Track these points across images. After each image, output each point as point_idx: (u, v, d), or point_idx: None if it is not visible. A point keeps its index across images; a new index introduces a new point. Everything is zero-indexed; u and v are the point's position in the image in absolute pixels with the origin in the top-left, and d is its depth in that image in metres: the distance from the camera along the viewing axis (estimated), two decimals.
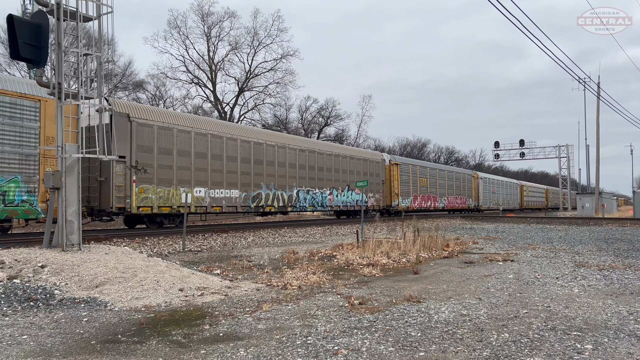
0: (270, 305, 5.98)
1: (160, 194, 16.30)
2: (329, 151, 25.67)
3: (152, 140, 16.12)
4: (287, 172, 22.11)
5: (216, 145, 18.52)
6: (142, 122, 15.94)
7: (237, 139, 19.65)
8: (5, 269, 6.89)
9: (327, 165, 25.01)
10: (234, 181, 19.20)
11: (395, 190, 30.89)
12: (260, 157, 20.64)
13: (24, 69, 33.40)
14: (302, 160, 23.19)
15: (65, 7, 8.50)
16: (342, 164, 26.21)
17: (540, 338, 4.51)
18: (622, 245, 13.44)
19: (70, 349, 4.34)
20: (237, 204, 19.30)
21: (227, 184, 18.88)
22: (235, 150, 19.42)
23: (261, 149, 20.72)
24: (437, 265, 9.52)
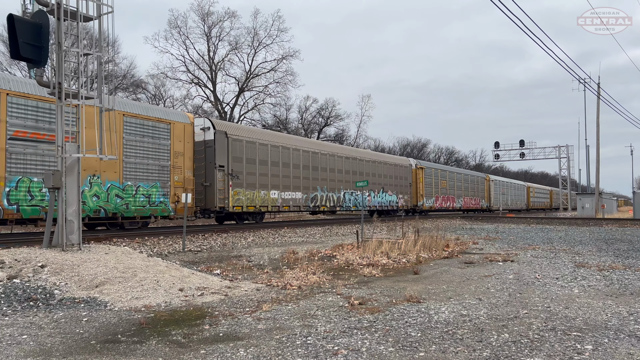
0: (270, 305, 5.97)
1: (248, 195, 20.05)
2: (367, 158, 29.83)
3: (242, 152, 19.88)
4: (336, 176, 25.97)
5: (285, 155, 22.40)
6: (235, 137, 19.60)
7: (299, 149, 23.49)
8: (5, 269, 6.89)
9: (365, 170, 28.75)
10: (297, 185, 23.01)
11: (421, 192, 34.71)
12: (317, 164, 24.50)
13: (24, 69, 33.40)
14: (347, 166, 27.07)
15: (65, 6, 8.50)
16: (377, 168, 30.11)
17: (540, 338, 4.51)
18: (622, 245, 13.44)
19: (70, 348, 4.34)
20: (300, 204, 23.28)
21: (293, 187, 22.76)
22: (299, 159, 23.26)
23: (317, 157, 24.62)
24: (437, 266, 9.52)
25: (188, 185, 17.19)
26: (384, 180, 30.64)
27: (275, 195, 21.44)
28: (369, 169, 29.25)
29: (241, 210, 19.75)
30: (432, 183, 36.71)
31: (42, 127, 13.16)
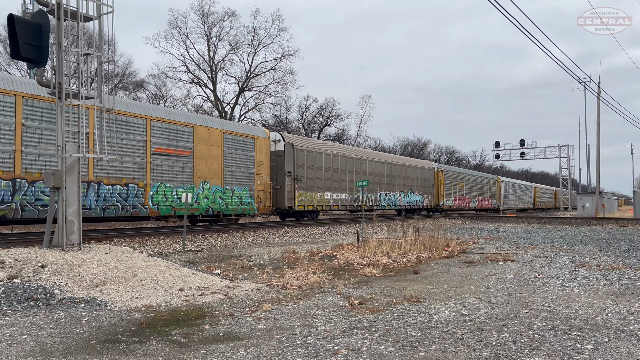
0: (270, 305, 5.97)
1: (308, 196, 23.62)
2: (397, 162, 33.64)
3: (304, 160, 23.59)
4: (373, 179, 29.44)
5: (335, 161, 26.18)
6: (299, 148, 23.33)
7: (345, 156, 27.29)
8: (6, 269, 6.89)
9: (396, 173, 32.64)
10: (344, 187, 26.65)
11: (442, 193, 38.12)
12: (358, 169, 28.19)
13: (24, 69, 33.42)
14: (382, 170, 30.83)
15: (65, 6, 8.50)
16: (406, 171, 33.92)
17: (541, 338, 4.51)
18: (622, 245, 13.43)
19: (70, 348, 4.34)
20: (347, 204, 26.87)
21: (341, 189, 26.38)
22: (345, 164, 27.01)
23: (359, 163, 28.43)
24: (438, 265, 9.52)
25: (267, 189, 20.99)
26: (412, 182, 34.33)
27: (328, 196, 25.24)
28: (399, 172, 33.03)
29: (303, 209, 23.34)
30: (451, 185, 39.98)
31: (171, 144, 16.86)
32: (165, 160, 16.49)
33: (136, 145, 15.53)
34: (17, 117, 12.75)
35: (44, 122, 13.31)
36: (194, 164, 17.58)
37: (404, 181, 33.31)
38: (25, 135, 12.89)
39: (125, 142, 15.02)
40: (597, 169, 39.71)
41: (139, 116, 15.57)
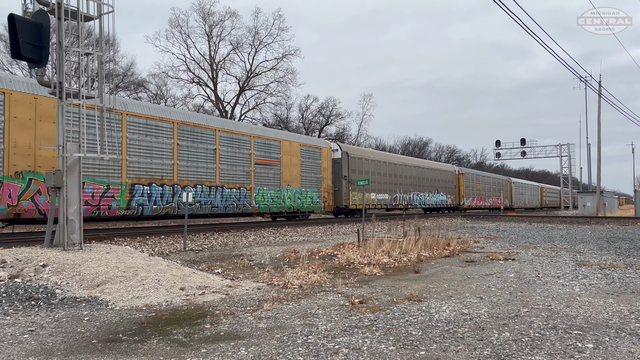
0: (271, 304, 5.98)
1: (359, 197, 27.24)
2: (426, 166, 38.00)
3: (355, 165, 27.58)
4: (407, 181, 33.87)
5: (378, 166, 30.36)
6: (352, 155, 27.45)
7: (385, 162, 31.58)
8: (7, 268, 6.91)
9: (425, 175, 36.75)
10: (385, 189, 30.82)
11: (462, 193, 42.32)
12: (396, 173, 32.38)
13: (25, 69, 33.43)
14: (413, 173, 35.12)
15: (66, 6, 8.50)
16: (433, 174, 38.12)
17: (541, 337, 4.51)
18: (623, 244, 13.43)
19: (72, 348, 4.35)
20: (387, 204, 31.11)
21: (382, 190, 30.48)
22: (385, 169, 31.15)
23: (396, 167, 32.62)
24: (438, 264, 9.52)
25: (330, 191, 25.44)
26: (438, 184, 38.42)
27: (373, 197, 29.25)
28: (427, 175, 37.05)
29: (355, 207, 27.19)
30: (469, 186, 44.13)
31: (266, 156, 21.08)
32: (262, 168, 20.82)
33: (244, 158, 19.92)
34: (174, 139, 16.84)
35: (189, 142, 17.44)
36: (281, 171, 21.95)
37: (431, 183, 37.43)
38: (179, 152, 16.95)
39: (238, 155, 19.66)
40: (598, 167, 39.68)
41: (245, 134, 20.30)
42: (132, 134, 15.29)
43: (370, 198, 28.69)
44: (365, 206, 26.21)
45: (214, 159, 18.29)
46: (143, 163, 15.61)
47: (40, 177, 12.74)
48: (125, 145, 14.95)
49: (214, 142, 18.37)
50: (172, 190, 16.41)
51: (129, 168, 15.07)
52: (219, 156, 18.44)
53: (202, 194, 17.50)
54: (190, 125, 17.42)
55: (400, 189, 32.66)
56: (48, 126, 12.99)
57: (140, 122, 15.56)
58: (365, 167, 28.75)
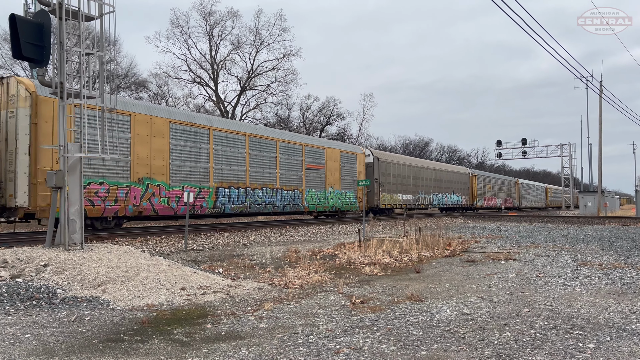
0: (272, 304, 5.98)
1: (387, 197, 30.58)
2: (444, 169, 41.64)
3: (385, 169, 30.54)
4: (427, 183, 36.73)
5: (403, 169, 33.26)
6: (382, 160, 30.50)
7: (410, 165, 34.89)
8: (8, 268, 6.92)
9: (442, 177, 39.78)
10: (409, 190, 33.82)
11: (475, 194, 45.67)
12: (418, 175, 35.46)
13: (27, 69, 33.47)
14: (433, 176, 38.00)
15: (67, 6, 8.51)
16: (450, 176, 41.33)
17: (542, 337, 4.50)
18: (624, 244, 13.41)
19: (73, 347, 4.35)
20: (411, 204, 34.02)
21: (407, 191, 33.47)
22: (409, 172, 34.15)
23: (418, 170, 35.78)
24: (439, 264, 9.52)
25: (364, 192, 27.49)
26: (454, 185, 41.57)
27: (399, 197, 32.26)
28: (445, 177, 40.19)
29: (384, 207, 30.33)
30: (481, 187, 47.42)
31: (314, 161, 23.73)
32: (311, 173, 23.57)
33: (297, 164, 22.72)
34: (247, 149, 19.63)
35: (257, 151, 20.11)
36: (325, 175, 24.65)
37: (448, 184, 40.56)
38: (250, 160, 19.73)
39: (292, 162, 22.29)
40: (599, 167, 39.64)
41: (298, 143, 23.13)
42: (216, 145, 18.08)
43: (397, 198, 32.05)
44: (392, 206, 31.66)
45: (275, 165, 21.21)
46: (224, 170, 18.45)
47: (154, 182, 15.68)
48: (212, 155, 17.87)
49: (274, 151, 21.18)
50: (245, 192, 19.25)
51: (214, 174, 17.94)
52: (279, 163, 21.43)
53: (267, 195, 20.48)
54: (257, 137, 20.43)
55: (422, 190, 35.84)
56: (159, 140, 15.89)
57: (222, 136, 18.38)
58: (393, 171, 32.01)
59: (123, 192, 14.66)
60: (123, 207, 14.61)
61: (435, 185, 38.04)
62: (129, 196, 14.76)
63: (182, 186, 16.42)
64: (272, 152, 20.94)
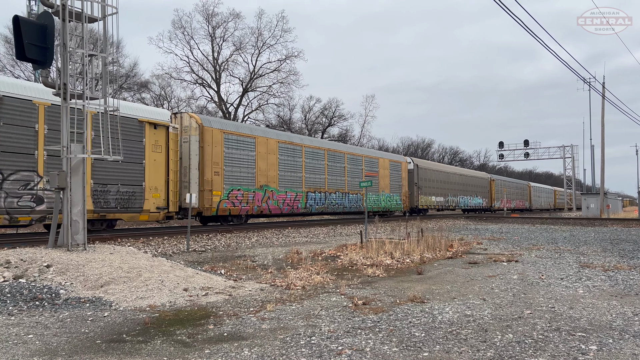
0: (274, 305, 5.99)
1: (424, 199, 35.14)
2: (468, 174, 46.54)
3: (422, 175, 35.07)
4: (455, 187, 41.11)
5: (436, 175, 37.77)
6: (420, 167, 35.23)
7: (442, 171, 39.78)
8: (11, 269, 6.94)
9: (467, 182, 44.34)
10: (440, 193, 38.02)
11: (493, 197, 50.51)
12: (448, 180, 39.82)
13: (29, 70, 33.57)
14: (459, 180, 42.66)
15: (70, 8, 8.54)
16: (472, 181, 45.90)
17: (545, 339, 4.50)
18: (627, 246, 13.38)
19: (76, 348, 4.37)
20: (442, 205, 38.45)
21: (439, 194, 37.69)
22: (441, 177, 38.63)
23: (448, 175, 40.36)
24: (441, 266, 9.51)
25: (406, 195, 32.26)
26: (476, 189, 46.17)
27: (433, 199, 36.77)
28: (468, 181, 44.78)
29: (422, 207, 34.89)
30: (499, 190, 52.04)
31: (370, 170, 27.88)
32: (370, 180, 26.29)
33: (359, 172, 27.07)
34: (325, 161, 24.37)
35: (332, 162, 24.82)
36: (378, 181, 28.68)
37: (471, 188, 45.06)
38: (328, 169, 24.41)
39: (355, 170, 26.79)
40: (601, 169, 39.55)
41: (359, 155, 27.87)
42: (306, 159, 22.98)
43: (431, 200, 36.77)
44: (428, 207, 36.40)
45: (344, 173, 25.87)
46: (311, 178, 23.14)
47: (269, 188, 20.44)
48: (304, 167, 22.80)
49: (343, 162, 25.89)
50: (325, 195, 24.01)
51: (305, 182, 22.74)
52: (347, 171, 26.06)
53: (339, 198, 25.11)
54: (332, 151, 25.34)
55: (451, 193, 40.18)
56: (272, 156, 20.78)
57: (309, 151, 23.30)
58: (429, 176, 36.62)
59: (251, 196, 19.51)
60: (251, 207, 19.52)
61: (462, 189, 42.55)
62: (254, 199, 19.66)
63: (285, 191, 21.41)
64: (341, 163, 25.82)
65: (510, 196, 55.29)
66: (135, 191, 15.21)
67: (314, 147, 23.88)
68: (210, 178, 17.34)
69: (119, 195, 14.71)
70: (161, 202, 15.98)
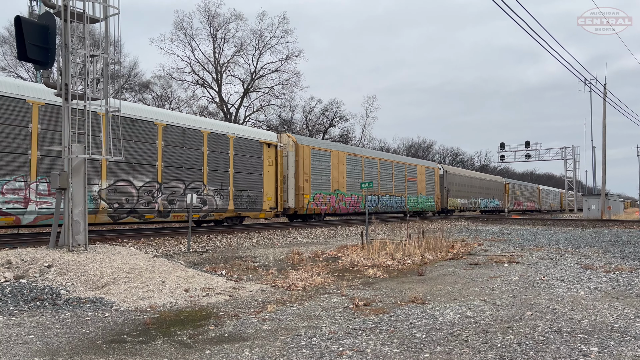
0: (275, 306, 5.99)
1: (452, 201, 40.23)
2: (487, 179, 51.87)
3: (450, 179, 40.16)
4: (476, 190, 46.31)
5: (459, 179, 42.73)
6: (449, 173, 40.48)
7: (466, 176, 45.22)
8: (12, 269, 6.94)
9: (486, 185, 49.65)
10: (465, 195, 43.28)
11: (507, 199, 54.98)
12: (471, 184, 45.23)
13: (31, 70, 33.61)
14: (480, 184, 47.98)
15: (72, 8, 8.55)
16: (490, 184, 50.98)
17: (546, 340, 4.50)
18: (628, 247, 13.36)
19: (77, 348, 4.37)
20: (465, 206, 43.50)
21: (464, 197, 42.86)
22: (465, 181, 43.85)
23: (471, 180, 45.54)
24: (442, 267, 9.50)
25: (438, 197, 37.56)
26: (493, 192, 51.18)
27: (458, 201, 41.89)
28: (487, 185, 50.02)
29: (450, 208, 40.10)
30: (512, 193, 56.94)
31: (411, 175, 33.01)
32: (410, 184, 33.31)
33: (403, 177, 32.32)
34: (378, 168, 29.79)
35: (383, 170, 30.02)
36: (417, 185, 34.01)
37: (489, 191, 50.18)
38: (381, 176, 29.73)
39: (400, 176, 31.96)
40: (602, 170, 39.52)
41: (403, 163, 33.30)
42: (365, 167, 28.39)
43: (457, 202, 41.76)
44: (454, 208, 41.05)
45: (391, 179, 31.20)
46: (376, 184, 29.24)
47: (340, 192, 25.74)
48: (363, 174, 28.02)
49: (391, 169, 31.21)
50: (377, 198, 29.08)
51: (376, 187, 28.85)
52: (393, 177, 31.35)
53: (388, 200, 30.27)
54: (383, 160, 30.82)
55: (472, 195, 45.27)
56: (341, 166, 26.09)
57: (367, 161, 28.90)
58: (456, 180, 41.70)
59: (328, 198, 24.63)
60: (328, 207, 24.78)
61: (481, 192, 47.63)
62: (330, 201, 24.84)
63: (350, 194, 26.51)
64: (389, 170, 30.98)
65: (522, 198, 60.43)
66: (257, 195, 20.32)
67: (369, 157, 29.44)
68: (302, 184, 22.73)
69: (248, 198, 19.76)
70: (272, 203, 21.14)
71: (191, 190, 16.65)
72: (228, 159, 18.83)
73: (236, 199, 19.03)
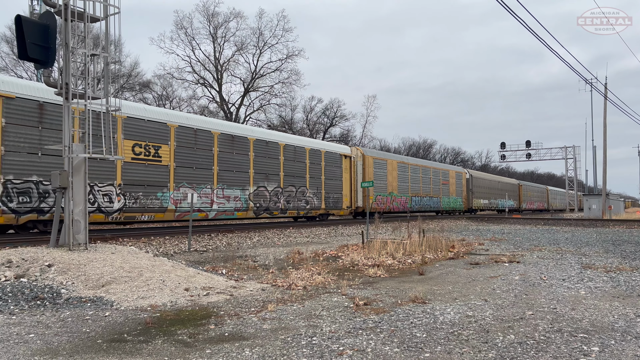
0: (276, 305, 5.98)
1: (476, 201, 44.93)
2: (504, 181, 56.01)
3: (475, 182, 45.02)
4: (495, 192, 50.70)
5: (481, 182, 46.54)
6: (474, 176, 45.47)
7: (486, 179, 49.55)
8: (13, 268, 6.94)
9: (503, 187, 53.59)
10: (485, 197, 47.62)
11: (520, 199, 59.59)
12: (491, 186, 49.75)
13: (31, 69, 33.63)
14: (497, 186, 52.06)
15: (72, 7, 8.55)
16: (506, 186, 54.82)
17: (547, 340, 4.49)
18: (629, 247, 13.35)
19: (77, 347, 4.36)
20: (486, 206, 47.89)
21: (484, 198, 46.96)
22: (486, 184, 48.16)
23: (491, 183, 50.36)
24: (443, 266, 9.50)
25: (465, 198, 42.14)
26: (509, 193, 54.71)
27: (481, 202, 46.54)
28: (504, 187, 54.03)
29: (475, 208, 44.78)
30: (525, 194, 61.19)
31: (445, 179, 38.76)
32: (444, 186, 38.04)
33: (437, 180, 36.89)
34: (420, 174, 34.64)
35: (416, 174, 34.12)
36: (448, 187, 38.74)
37: (505, 192, 53.84)
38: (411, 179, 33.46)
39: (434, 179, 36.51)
40: (603, 170, 39.48)
41: (438, 168, 38.11)
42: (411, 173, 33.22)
43: (480, 202, 46.44)
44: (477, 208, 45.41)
45: (430, 182, 35.96)
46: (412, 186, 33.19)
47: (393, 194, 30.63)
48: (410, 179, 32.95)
49: (429, 174, 35.88)
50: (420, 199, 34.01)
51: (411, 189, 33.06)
52: (432, 181, 36.38)
53: (427, 200, 35.14)
54: (424, 166, 35.82)
55: (492, 197, 49.81)
56: (394, 172, 31.00)
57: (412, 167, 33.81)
58: (479, 183, 46.43)
59: (385, 199, 29.48)
60: (385, 207, 29.31)
61: (499, 193, 51.87)
62: (386, 202, 29.62)
63: (401, 196, 31.41)
64: (429, 175, 36.06)
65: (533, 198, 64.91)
66: (339, 197, 25.95)
67: (413, 164, 34.55)
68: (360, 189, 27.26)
69: (333, 199, 25.42)
70: (348, 203, 26.72)
71: (299, 194, 22.73)
72: (321, 169, 24.72)
73: (326, 200, 24.85)
